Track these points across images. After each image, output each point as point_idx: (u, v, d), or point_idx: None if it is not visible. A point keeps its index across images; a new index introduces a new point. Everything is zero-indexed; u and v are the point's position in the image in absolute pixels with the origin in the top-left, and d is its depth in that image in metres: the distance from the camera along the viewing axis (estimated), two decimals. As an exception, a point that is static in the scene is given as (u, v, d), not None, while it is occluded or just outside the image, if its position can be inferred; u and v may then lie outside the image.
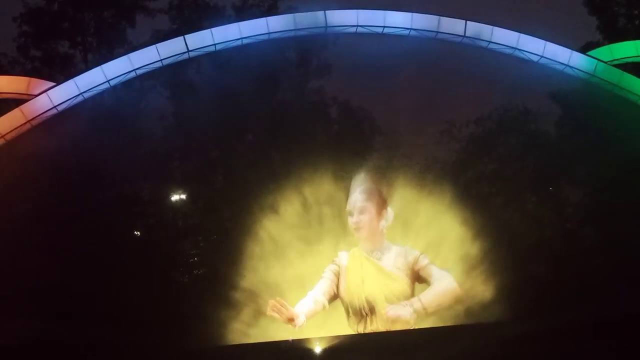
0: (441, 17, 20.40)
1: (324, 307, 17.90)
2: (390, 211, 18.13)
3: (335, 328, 18.37)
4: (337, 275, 18.11)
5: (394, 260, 17.70)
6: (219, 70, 22.88)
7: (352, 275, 17.89)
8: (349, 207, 18.07)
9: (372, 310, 17.62)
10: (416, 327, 18.97)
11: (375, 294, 17.65)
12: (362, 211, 17.83)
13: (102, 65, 19.74)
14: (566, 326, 18.92)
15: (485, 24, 20.69)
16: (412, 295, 17.70)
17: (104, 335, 18.70)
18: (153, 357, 19.02)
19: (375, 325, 17.89)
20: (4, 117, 19.15)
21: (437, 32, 20.34)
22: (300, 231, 19.98)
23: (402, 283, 17.54)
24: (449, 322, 19.40)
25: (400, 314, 16.98)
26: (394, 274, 17.61)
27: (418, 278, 17.77)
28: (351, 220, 18.03)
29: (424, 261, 17.70)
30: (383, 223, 17.74)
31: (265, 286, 19.52)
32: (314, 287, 18.15)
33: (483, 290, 19.95)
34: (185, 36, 19.91)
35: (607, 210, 25.61)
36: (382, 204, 17.93)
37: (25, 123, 19.04)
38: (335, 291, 18.10)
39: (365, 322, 17.79)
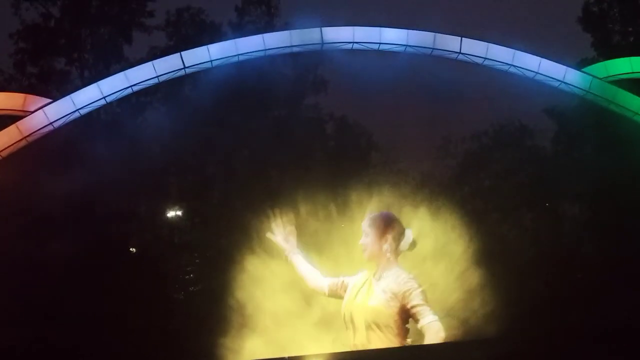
0: (437, 34, 20.43)
1: (324, 293, 18.19)
2: (406, 234, 18.27)
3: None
4: (345, 286, 18.36)
5: (387, 283, 17.84)
6: (215, 86, 22.89)
7: (353, 290, 18.10)
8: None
9: (354, 326, 17.78)
10: (414, 344, 18.92)
11: (359, 312, 17.86)
12: (366, 234, 18.31)
13: (99, 82, 19.68)
14: (563, 341, 18.84)
15: (481, 40, 20.77)
16: (394, 321, 17.75)
17: (98, 352, 18.57)
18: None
19: (355, 342, 18.02)
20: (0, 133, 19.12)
21: (433, 48, 20.39)
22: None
23: (383, 306, 17.62)
24: (446, 339, 19.31)
25: None
26: (377, 296, 17.78)
27: (407, 313, 17.87)
28: (363, 239, 18.57)
29: (415, 300, 17.70)
30: (386, 247, 17.90)
31: (260, 303, 19.44)
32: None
33: (479, 306, 19.87)
34: (182, 53, 19.88)
35: (603, 226, 25.63)
36: (384, 228, 18.15)
37: (21, 139, 18.96)
38: (339, 291, 18.42)
39: (349, 337, 17.92)
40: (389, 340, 17.66)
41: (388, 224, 18.06)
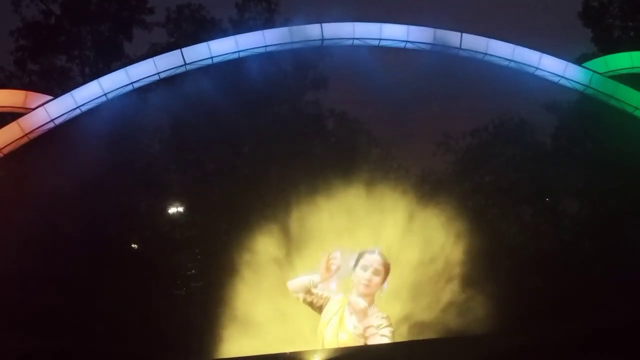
0: (437, 30, 20.46)
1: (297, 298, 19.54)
2: (385, 285, 19.67)
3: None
4: (324, 299, 19.30)
5: (359, 321, 19.05)
6: (216, 83, 22.89)
7: (327, 314, 19.27)
8: (365, 261, 19.28)
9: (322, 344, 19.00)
10: (414, 339, 19.04)
11: (330, 342, 19.18)
12: (377, 273, 19.36)
13: (100, 79, 19.78)
14: (563, 338, 18.87)
15: (481, 36, 20.76)
16: None
17: (100, 348, 18.61)
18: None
19: None
20: (1, 130, 19.12)
21: (433, 44, 20.41)
22: (294, 244, 20.06)
23: (353, 342, 18.98)
24: (446, 335, 19.41)
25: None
26: (348, 330, 19.00)
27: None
28: (362, 274, 19.23)
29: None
30: (383, 288, 19.17)
31: (261, 298, 19.52)
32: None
33: (480, 302, 19.92)
34: (183, 49, 19.96)
35: (603, 222, 25.60)
36: (387, 274, 19.39)
37: (22, 137, 19.04)
38: (315, 303, 19.12)
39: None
40: None
41: (389, 270, 19.16)
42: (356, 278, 19.06)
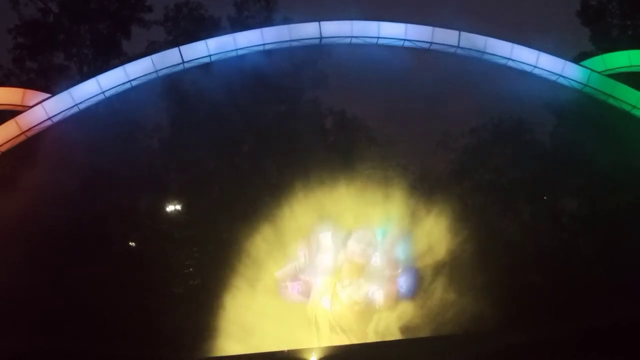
0: (435, 28, 20.43)
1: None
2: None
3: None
4: (308, 285, 19.57)
5: (353, 290, 19.31)
6: (214, 81, 22.88)
7: (317, 293, 19.34)
8: (358, 235, 19.35)
9: (318, 328, 19.16)
10: (413, 337, 19.09)
11: (323, 315, 19.37)
12: (370, 245, 19.51)
13: (98, 77, 19.73)
14: (562, 338, 18.90)
15: (479, 34, 20.75)
16: (356, 323, 19.28)
17: (98, 346, 18.62)
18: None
19: (319, 343, 19.42)
20: (-1, 128, 19.15)
21: (431, 42, 20.40)
22: (293, 243, 20.11)
23: (347, 311, 19.21)
24: (443, 333, 19.44)
25: None
26: (342, 301, 19.23)
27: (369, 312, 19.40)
28: (356, 245, 19.29)
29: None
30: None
31: (260, 296, 19.54)
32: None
33: (478, 300, 19.94)
34: (181, 47, 19.92)
35: (603, 220, 25.62)
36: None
37: (20, 134, 19.02)
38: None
39: (312, 337, 19.14)
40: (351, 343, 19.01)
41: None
42: (348, 251, 19.15)
